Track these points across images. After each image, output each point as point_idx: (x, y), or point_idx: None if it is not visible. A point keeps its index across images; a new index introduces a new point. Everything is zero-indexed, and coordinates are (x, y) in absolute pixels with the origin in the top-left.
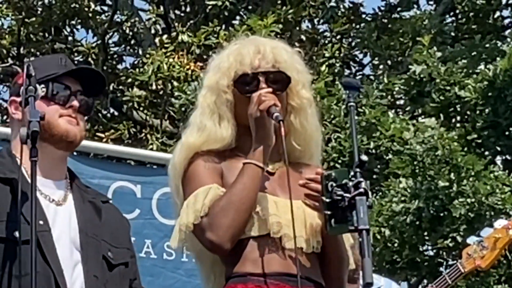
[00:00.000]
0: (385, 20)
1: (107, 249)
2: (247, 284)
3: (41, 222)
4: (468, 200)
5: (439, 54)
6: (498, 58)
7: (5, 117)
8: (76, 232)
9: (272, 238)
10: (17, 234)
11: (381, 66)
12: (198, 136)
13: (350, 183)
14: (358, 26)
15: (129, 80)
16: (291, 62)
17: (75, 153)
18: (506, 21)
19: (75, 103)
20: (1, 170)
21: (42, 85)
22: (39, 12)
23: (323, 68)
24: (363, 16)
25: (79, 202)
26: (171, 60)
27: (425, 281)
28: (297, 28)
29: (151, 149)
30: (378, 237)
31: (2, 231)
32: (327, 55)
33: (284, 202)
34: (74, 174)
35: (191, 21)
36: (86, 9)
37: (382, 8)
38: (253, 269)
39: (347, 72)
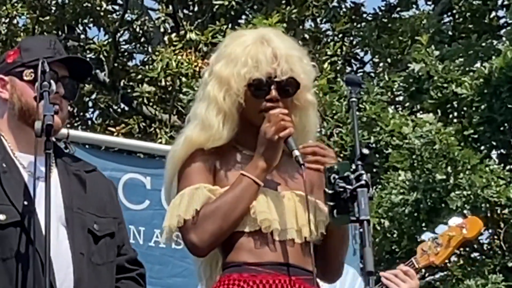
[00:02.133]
0: (385, 20)
1: (93, 221)
2: (242, 273)
3: (25, 203)
4: (464, 192)
5: (437, 52)
6: (493, 57)
7: None
8: (62, 208)
9: (263, 233)
10: (1, 217)
11: (381, 64)
12: (202, 134)
13: (352, 176)
14: (359, 25)
15: (139, 76)
16: (302, 68)
17: (87, 146)
18: (502, 21)
19: (61, 90)
20: None
21: (31, 70)
22: (52, 11)
23: (325, 65)
24: (364, 15)
25: (63, 176)
26: (179, 57)
27: (423, 270)
28: (301, 27)
29: (160, 143)
30: (378, 228)
31: None
32: (329, 53)
33: (275, 194)
34: (59, 147)
35: (199, 20)
36: (98, 8)
37: (382, 8)
38: (248, 259)
39: (348, 69)
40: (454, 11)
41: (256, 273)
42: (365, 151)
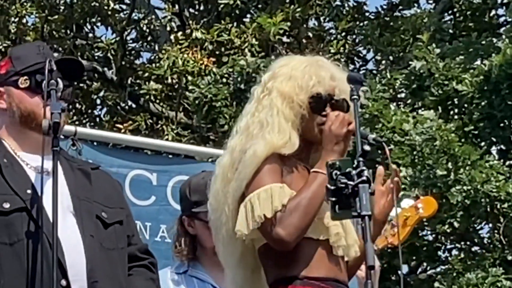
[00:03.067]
0: (387, 18)
1: (101, 209)
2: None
3: (28, 191)
4: (465, 187)
5: (437, 50)
6: (493, 54)
7: None
8: (68, 198)
9: (327, 245)
10: (5, 205)
11: (383, 62)
12: (280, 138)
13: (354, 172)
14: (361, 24)
15: (146, 74)
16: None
17: (95, 143)
18: (501, 19)
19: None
20: None
21: (25, 77)
22: (61, 10)
23: None
24: (367, 14)
25: (68, 171)
26: (185, 55)
27: (425, 264)
28: (304, 26)
29: (167, 140)
30: None
31: None
32: (332, 51)
33: None
34: (61, 148)
35: (205, 19)
36: (106, 7)
37: (384, 7)
38: (310, 272)
39: (351, 67)
40: (455, 10)
41: None
42: (367, 147)
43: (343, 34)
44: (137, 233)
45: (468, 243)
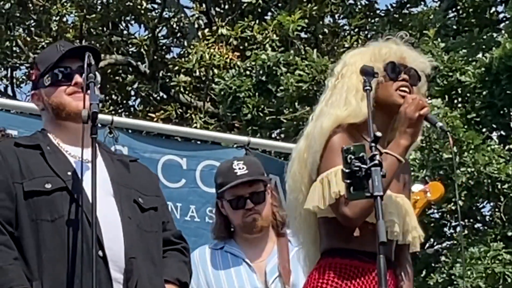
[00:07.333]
0: (396, 15)
1: (138, 195)
2: (352, 261)
3: (69, 173)
4: (469, 169)
5: (442, 44)
6: (494, 48)
7: None
8: (109, 183)
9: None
10: (47, 185)
11: None
12: (344, 110)
13: (366, 156)
14: (373, 21)
15: (176, 68)
16: (423, 64)
17: (129, 131)
18: (501, 15)
19: (79, 79)
20: (32, 140)
21: (47, 75)
22: (98, 9)
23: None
24: (378, 12)
25: (108, 161)
26: (212, 50)
27: (432, 239)
28: (321, 23)
29: (195, 127)
30: None
31: (36, 185)
32: (346, 45)
33: (394, 196)
34: (101, 142)
35: (229, 17)
36: (139, 6)
37: (394, 5)
38: (359, 248)
39: None
40: (458, 7)
41: (365, 263)
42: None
43: (356, 30)
44: (171, 220)
45: (471, 220)
